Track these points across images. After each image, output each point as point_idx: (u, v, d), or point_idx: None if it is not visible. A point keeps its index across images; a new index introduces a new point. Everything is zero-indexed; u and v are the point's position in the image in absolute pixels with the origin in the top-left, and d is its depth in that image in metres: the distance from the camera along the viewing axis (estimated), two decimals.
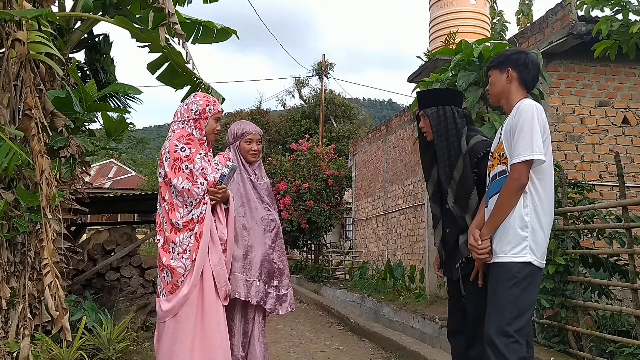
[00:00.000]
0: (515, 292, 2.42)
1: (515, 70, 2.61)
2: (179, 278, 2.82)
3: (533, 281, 2.48)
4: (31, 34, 3.58)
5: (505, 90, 2.64)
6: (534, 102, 2.56)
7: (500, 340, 2.38)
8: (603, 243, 4.36)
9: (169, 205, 2.88)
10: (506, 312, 2.41)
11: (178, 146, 2.92)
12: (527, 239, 2.44)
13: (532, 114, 2.45)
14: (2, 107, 3.71)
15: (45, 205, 3.56)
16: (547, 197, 2.51)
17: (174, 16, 3.96)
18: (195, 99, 3.08)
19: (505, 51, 2.72)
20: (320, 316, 8.90)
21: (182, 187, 2.86)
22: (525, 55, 2.64)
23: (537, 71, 2.66)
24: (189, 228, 2.86)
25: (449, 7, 8.75)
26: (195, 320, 2.83)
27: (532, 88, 2.69)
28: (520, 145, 2.42)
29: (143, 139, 41.79)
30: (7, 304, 3.61)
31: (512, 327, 2.39)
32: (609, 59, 4.45)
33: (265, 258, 3.28)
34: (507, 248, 2.47)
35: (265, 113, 28.73)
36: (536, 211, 2.47)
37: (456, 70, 4.36)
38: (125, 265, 6.37)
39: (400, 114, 10.49)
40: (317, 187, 13.14)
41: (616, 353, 3.61)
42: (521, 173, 2.42)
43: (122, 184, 24.78)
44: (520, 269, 2.44)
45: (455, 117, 2.93)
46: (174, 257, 2.83)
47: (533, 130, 2.42)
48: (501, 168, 2.57)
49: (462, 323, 2.98)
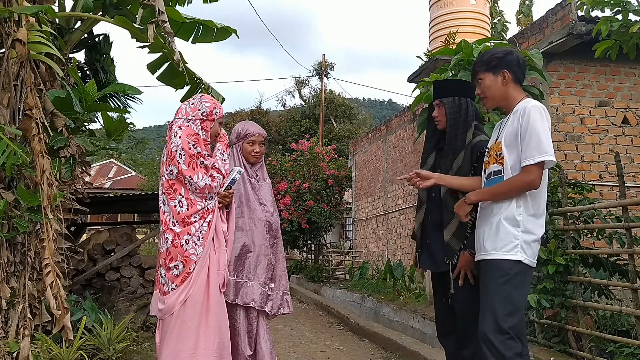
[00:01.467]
0: (507, 288, 2.44)
1: (510, 71, 2.61)
2: (191, 265, 2.83)
3: (525, 279, 2.51)
4: (31, 33, 3.58)
5: (502, 93, 2.64)
6: (538, 102, 2.57)
7: (496, 337, 2.39)
8: (603, 243, 4.37)
9: (187, 201, 2.87)
10: (500, 309, 2.42)
11: (190, 143, 2.90)
12: (518, 238, 2.47)
13: (541, 115, 2.47)
14: (2, 107, 3.71)
15: (46, 205, 3.57)
16: (540, 198, 2.54)
17: (164, 14, 3.96)
18: (202, 100, 3.06)
19: (494, 53, 2.68)
20: (320, 316, 8.90)
21: (204, 183, 2.87)
22: (516, 55, 2.66)
23: (525, 67, 2.71)
24: (203, 217, 2.89)
25: (449, 7, 8.74)
26: (200, 320, 2.83)
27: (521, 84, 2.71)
28: (534, 147, 2.43)
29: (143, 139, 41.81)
30: (7, 304, 3.62)
31: (506, 324, 2.40)
32: (609, 59, 4.45)
33: (262, 259, 3.27)
34: (498, 246, 2.50)
35: (266, 113, 28.75)
36: (528, 211, 2.50)
37: (456, 70, 4.36)
38: (125, 265, 6.37)
39: (400, 114, 10.49)
40: (317, 187, 13.14)
41: (616, 353, 3.62)
42: (537, 175, 2.43)
43: (122, 184, 24.78)
44: (511, 266, 2.46)
45: (469, 109, 2.98)
46: (187, 248, 2.84)
47: (542, 131, 2.44)
48: (496, 167, 2.59)
49: (451, 324, 2.99)
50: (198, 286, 2.84)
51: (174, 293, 2.82)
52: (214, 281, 2.89)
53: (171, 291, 2.84)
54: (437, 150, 3.10)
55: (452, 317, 2.97)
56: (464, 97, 3.00)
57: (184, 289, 2.82)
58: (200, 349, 2.80)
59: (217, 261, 2.92)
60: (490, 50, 2.77)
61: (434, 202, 3.00)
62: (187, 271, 2.83)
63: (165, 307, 2.84)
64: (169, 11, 4.84)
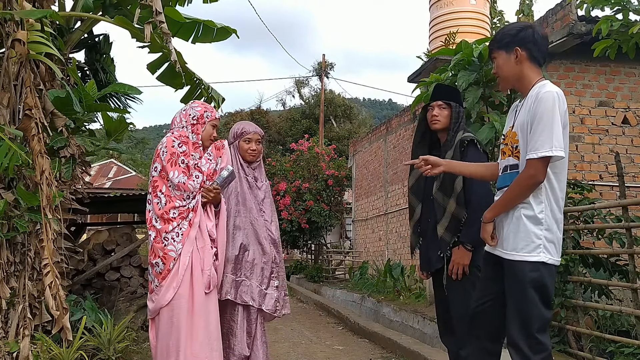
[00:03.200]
0: (531, 292, 2.30)
1: (524, 49, 2.37)
2: (170, 262, 2.87)
3: (549, 280, 2.36)
4: (31, 34, 3.58)
5: (516, 72, 2.41)
6: (555, 88, 2.32)
7: (524, 342, 2.29)
8: (603, 243, 4.36)
9: (166, 198, 2.93)
10: (526, 314, 2.31)
11: (175, 142, 3.01)
12: (541, 238, 2.30)
13: (554, 103, 2.25)
14: (2, 107, 3.71)
15: (46, 205, 3.57)
16: (561, 192, 2.38)
17: (161, 15, 3.95)
18: (193, 105, 3.18)
19: (508, 29, 2.47)
20: (320, 316, 8.90)
21: (177, 181, 2.93)
22: (532, 30, 2.41)
23: (546, 44, 2.46)
24: (182, 216, 2.93)
25: (449, 7, 8.75)
26: (187, 320, 2.86)
27: (543, 63, 2.49)
28: (539, 139, 2.23)
29: (143, 139, 41.83)
30: (7, 304, 3.61)
31: (534, 328, 2.29)
32: (609, 59, 4.45)
33: (260, 258, 3.27)
34: (519, 246, 2.33)
35: (265, 113, 28.77)
36: (551, 208, 2.33)
37: (456, 70, 4.36)
38: (125, 265, 6.37)
39: (400, 114, 10.49)
40: (317, 187, 13.15)
41: (616, 353, 3.62)
42: (538, 170, 2.25)
43: (122, 184, 24.76)
44: (534, 269, 2.31)
45: (464, 118, 3.13)
46: (166, 244, 2.88)
47: (554, 123, 2.22)
48: (513, 161, 2.43)
49: (450, 324, 3.01)
50: (182, 286, 2.86)
51: (159, 290, 2.87)
52: (198, 280, 2.90)
53: (155, 288, 2.89)
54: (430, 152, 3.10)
55: (450, 317, 2.99)
56: (461, 106, 3.14)
57: (167, 288, 2.85)
58: (187, 348, 2.82)
59: (201, 260, 2.94)
60: (505, 26, 2.54)
61: (430, 205, 3.03)
62: (168, 268, 2.87)
63: (152, 307, 2.90)
64: (169, 11, 4.84)
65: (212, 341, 2.91)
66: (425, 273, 3.19)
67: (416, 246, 3.19)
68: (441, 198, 2.91)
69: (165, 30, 4.04)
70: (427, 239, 3.07)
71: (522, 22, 2.62)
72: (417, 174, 3.11)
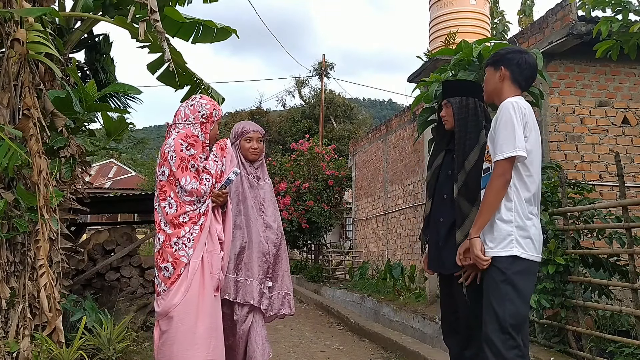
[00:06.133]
0: (506, 288, 2.41)
1: (507, 69, 2.61)
2: (181, 267, 2.82)
3: (526, 276, 2.45)
4: (30, 33, 3.58)
5: (497, 88, 2.65)
6: (515, 98, 2.55)
7: (497, 337, 2.38)
8: (603, 243, 4.36)
9: (176, 203, 2.87)
10: (500, 309, 2.40)
11: (183, 145, 2.90)
12: (512, 234, 2.45)
13: (509, 110, 2.47)
14: (2, 107, 3.71)
15: (43, 206, 3.56)
16: (536, 189, 2.53)
17: (156, 13, 3.93)
18: (202, 102, 3.04)
19: (502, 49, 2.73)
20: (320, 316, 8.90)
21: (190, 187, 2.86)
22: (520, 55, 2.63)
23: (531, 71, 2.65)
24: (194, 221, 2.87)
25: (449, 7, 8.74)
26: (195, 323, 2.83)
27: (526, 88, 2.70)
28: (503, 142, 2.45)
29: (143, 139, 41.77)
30: (7, 304, 3.61)
31: (507, 324, 2.38)
32: (609, 59, 4.45)
33: (259, 257, 3.27)
34: (492, 244, 2.49)
35: (266, 113, 28.77)
36: (521, 205, 2.48)
37: (456, 70, 4.36)
38: (125, 265, 6.37)
39: (400, 114, 10.49)
40: (317, 187, 13.14)
41: (616, 353, 3.61)
42: (505, 169, 2.45)
43: (122, 184, 24.76)
44: (508, 264, 2.43)
45: (477, 109, 2.96)
46: (177, 249, 2.83)
47: (514, 127, 2.44)
48: (486, 165, 2.64)
49: (456, 324, 2.98)
50: (192, 289, 2.83)
51: (166, 295, 2.82)
52: (207, 284, 2.87)
53: (162, 292, 2.84)
54: (447, 151, 3.08)
55: (456, 318, 2.97)
56: (472, 97, 2.97)
57: (176, 291, 2.81)
58: (195, 352, 2.80)
59: (210, 264, 2.91)
60: (504, 47, 2.83)
61: (446, 204, 2.98)
62: (178, 273, 2.82)
63: (160, 310, 2.85)
64: (169, 11, 4.84)
65: (219, 345, 2.91)
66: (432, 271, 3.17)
67: (424, 242, 3.17)
68: (464, 204, 2.82)
69: (160, 29, 4.02)
70: (441, 239, 2.98)
71: (517, 47, 2.83)
72: (432, 172, 3.10)
